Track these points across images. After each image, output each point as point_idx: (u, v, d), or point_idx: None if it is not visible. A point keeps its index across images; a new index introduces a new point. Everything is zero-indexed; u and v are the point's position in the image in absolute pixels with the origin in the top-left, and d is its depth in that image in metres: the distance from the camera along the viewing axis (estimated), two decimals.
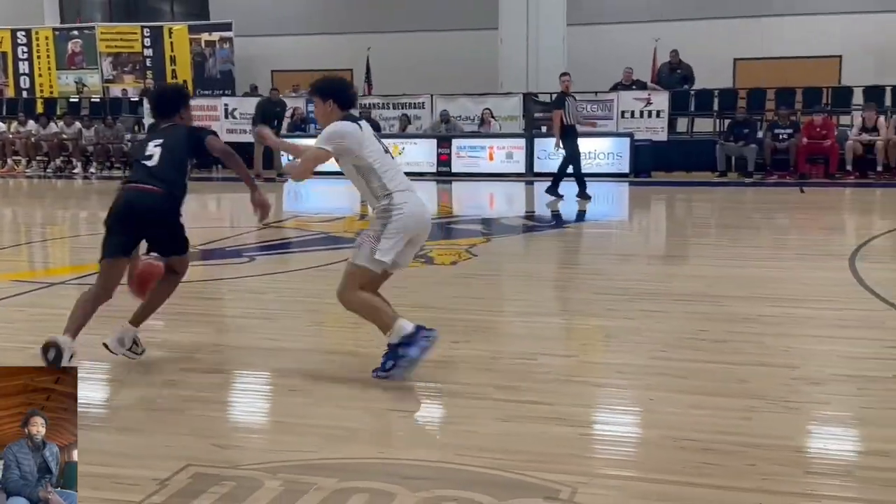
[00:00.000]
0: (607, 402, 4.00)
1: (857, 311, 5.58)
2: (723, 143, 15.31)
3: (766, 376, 4.27)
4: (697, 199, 13.26)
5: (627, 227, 10.86)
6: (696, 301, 6.01)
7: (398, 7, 20.46)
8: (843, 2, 18.40)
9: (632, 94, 16.59)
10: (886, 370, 4.37)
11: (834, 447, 3.44)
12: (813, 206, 11.67)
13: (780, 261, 7.75)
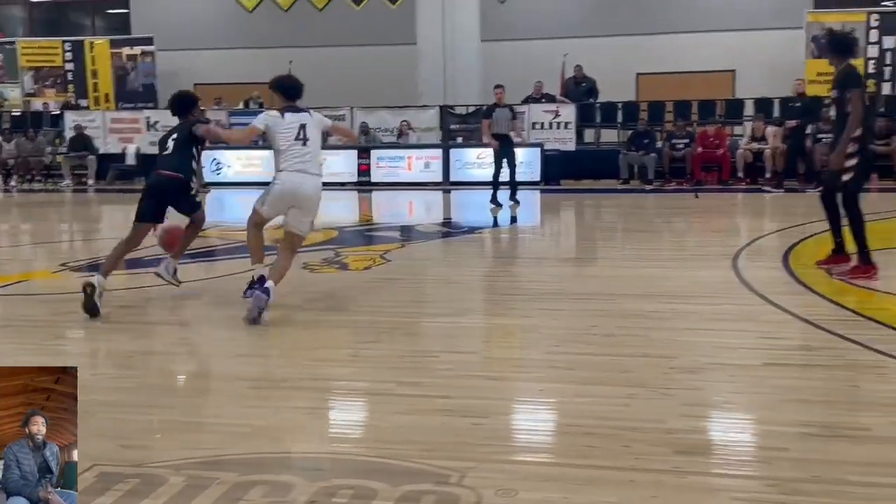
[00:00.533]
0: (501, 394, 4.14)
1: (734, 306, 5.87)
2: (625, 153, 15.75)
3: (647, 366, 4.48)
4: (602, 206, 13.63)
5: (536, 233, 11.11)
6: (591, 299, 6.22)
7: (319, 22, 20.45)
8: (737, 20, 19.12)
9: (542, 106, 16.93)
10: (756, 359, 4.63)
11: (702, 428, 3.64)
12: (706, 210, 12.12)
13: (671, 261, 8.06)
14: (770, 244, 8.91)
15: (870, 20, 17.43)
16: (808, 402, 3.94)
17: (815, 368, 4.46)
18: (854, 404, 3.86)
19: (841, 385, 4.15)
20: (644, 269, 7.56)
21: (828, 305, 5.80)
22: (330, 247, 8.93)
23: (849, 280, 6.46)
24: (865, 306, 5.72)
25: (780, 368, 4.48)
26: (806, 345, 4.94)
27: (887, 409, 3.77)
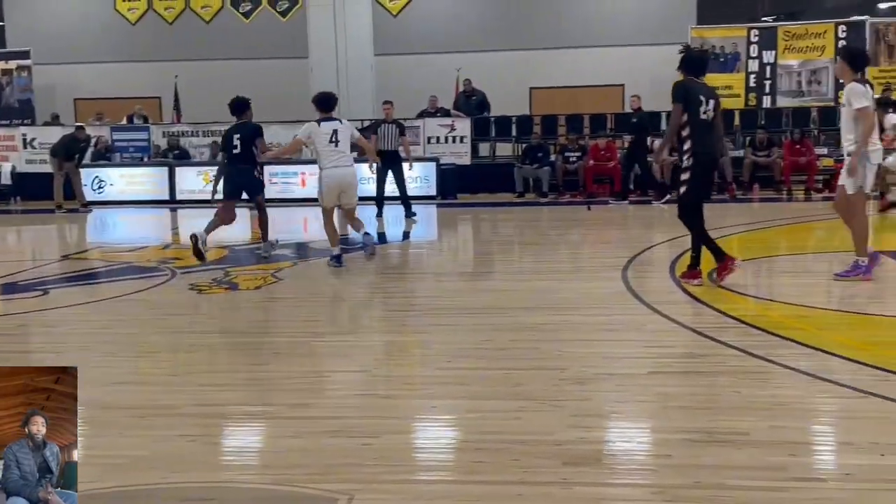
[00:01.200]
0: (391, 413, 4.13)
1: (623, 316, 6.04)
2: (520, 167, 16.03)
3: (538, 379, 4.55)
4: (498, 219, 13.81)
5: (432, 247, 11.16)
6: (485, 313, 6.29)
7: (207, 35, 20.07)
8: (625, 35, 19.77)
9: (437, 120, 17.05)
10: (642, 368, 4.77)
11: (589, 439, 3.72)
12: (597, 222, 12.44)
13: (563, 273, 8.24)
14: (658, 255, 9.20)
15: (750, 35, 18.28)
16: (691, 408, 4.08)
17: (698, 375, 4.63)
18: (735, 410, 4.02)
19: (723, 391, 4.32)
20: (537, 281, 7.70)
21: (712, 313, 6.03)
22: (219, 266, 8.75)
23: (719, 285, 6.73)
24: (747, 314, 5.97)
25: (665, 376, 4.63)
26: (690, 352, 5.12)
27: (766, 413, 3.95)
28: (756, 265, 8.24)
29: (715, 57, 18.39)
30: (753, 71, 18.26)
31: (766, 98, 18.20)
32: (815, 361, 4.78)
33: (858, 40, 17.65)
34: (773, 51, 18.06)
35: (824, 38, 17.89)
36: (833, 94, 17.78)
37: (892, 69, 17.79)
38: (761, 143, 15.46)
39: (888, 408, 3.99)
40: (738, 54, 18.32)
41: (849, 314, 6.13)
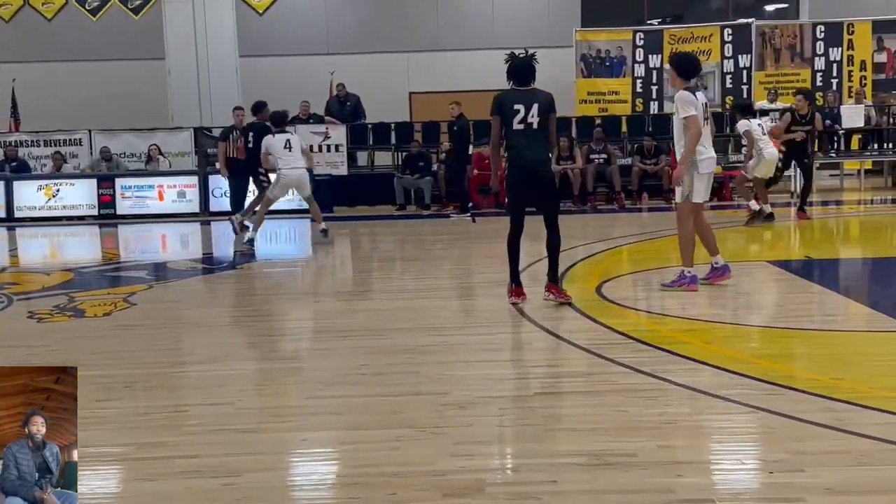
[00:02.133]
0: (257, 448, 4.05)
1: (508, 335, 6.13)
2: (400, 177, 16.09)
3: (417, 405, 4.55)
4: (378, 233, 13.81)
5: (306, 265, 11.05)
6: (361, 336, 6.25)
7: (49, 34, 19.34)
8: (508, 37, 20.10)
9: (310, 127, 16.92)
10: (528, 389, 4.85)
11: (471, 467, 3.74)
12: (483, 235, 12.59)
13: (446, 290, 8.30)
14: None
15: (636, 39, 18.98)
16: (577, 430, 4.17)
17: (585, 395, 4.74)
18: (622, 430, 4.12)
19: (610, 411, 4.42)
20: (418, 300, 7.73)
21: (600, 329, 6.18)
22: (63, 291, 8.40)
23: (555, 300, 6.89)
24: (636, 328, 6.16)
25: (551, 397, 4.72)
26: (577, 371, 5.23)
27: (653, 432, 4.07)
28: (646, 277, 8.51)
29: (601, 61, 19.03)
30: (640, 76, 18.95)
31: (654, 104, 18.90)
32: (703, 377, 4.97)
33: (744, 43, 18.61)
34: (658, 55, 18.79)
35: (710, 42, 18.75)
36: (720, 99, 18.64)
37: (778, 73, 18.79)
38: (649, 150, 16.02)
39: (776, 423, 4.18)
40: (624, 58, 18.98)
41: (737, 326, 6.40)
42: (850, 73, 18.56)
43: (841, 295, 7.49)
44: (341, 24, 20.52)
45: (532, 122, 6.65)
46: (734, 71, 18.70)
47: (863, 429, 3.98)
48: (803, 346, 5.88)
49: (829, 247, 10.72)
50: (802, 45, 18.72)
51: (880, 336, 6.02)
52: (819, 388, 4.64)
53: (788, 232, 12.02)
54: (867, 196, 15.88)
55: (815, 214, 13.85)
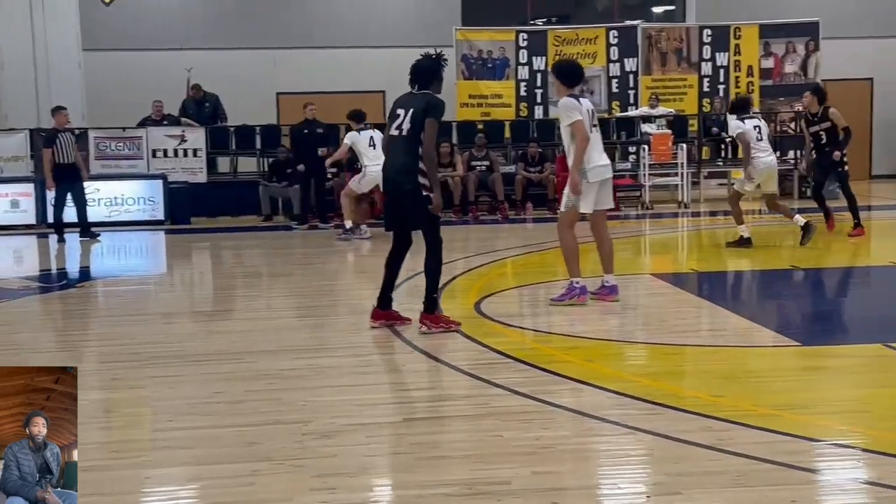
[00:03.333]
0: (94, 489, 3.90)
1: (379, 356, 6.15)
2: (266, 185, 15.92)
3: (277, 435, 4.51)
4: (242, 247, 13.60)
5: (160, 283, 10.79)
6: (218, 360, 6.15)
7: None
8: (384, 36, 20.19)
9: (163, 130, 16.57)
10: (398, 415, 4.86)
11: (334, 501, 3.73)
12: (359, 249, 12.57)
13: (315, 309, 8.25)
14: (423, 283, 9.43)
15: (519, 39, 19.33)
16: (450, 458, 4.21)
17: (458, 419, 4.79)
18: (496, 456, 4.18)
19: (484, 436, 4.48)
20: (284, 319, 7.66)
21: (477, 349, 6.26)
22: None
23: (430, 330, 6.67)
24: (515, 347, 6.26)
25: (423, 423, 4.75)
26: (451, 394, 5.28)
27: (528, 458, 4.14)
28: (530, 292, 8.67)
29: (483, 62, 19.30)
30: (524, 78, 19.31)
31: (539, 108, 19.29)
32: (583, 397, 5.10)
33: (630, 46, 19.21)
34: (543, 56, 19.19)
35: (596, 44, 19.27)
36: (606, 104, 19.17)
37: (665, 78, 19.46)
38: (533, 157, 16.33)
39: (656, 444, 4.32)
40: (507, 60, 19.31)
41: (620, 343, 6.58)
42: (737, 79, 19.39)
43: (725, 309, 7.79)
44: (199, 16, 20.15)
45: (403, 129, 6.66)
46: (620, 75, 19.27)
47: (742, 448, 4.16)
48: (686, 362, 6.10)
49: (716, 259, 11.14)
50: (689, 50, 19.45)
51: (763, 351, 6.31)
52: (700, 406, 4.82)
53: (675, 243, 12.46)
54: (755, 206, 16.60)
55: (703, 225, 14.41)
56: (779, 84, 19.48)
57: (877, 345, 6.09)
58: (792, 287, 9.29)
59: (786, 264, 10.42)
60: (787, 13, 19.89)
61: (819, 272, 10.03)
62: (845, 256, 10.99)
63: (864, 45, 20.60)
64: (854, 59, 20.56)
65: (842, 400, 5.04)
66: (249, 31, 19.96)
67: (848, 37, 20.07)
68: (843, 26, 19.91)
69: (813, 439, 4.32)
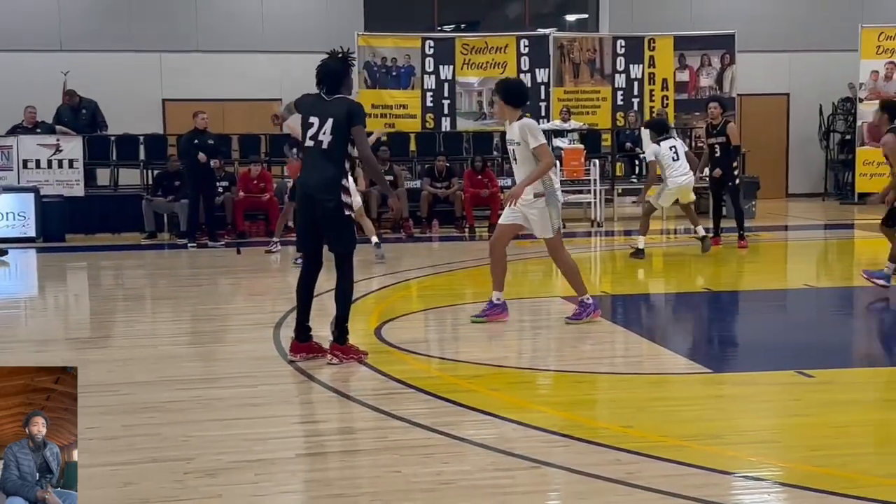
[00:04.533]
0: None
1: (270, 387, 6.09)
2: (150, 199, 15.66)
3: (155, 474, 4.44)
4: (123, 267, 13.35)
5: (30, 306, 10.52)
6: (93, 392, 6.00)
7: None
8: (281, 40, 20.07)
9: (36, 139, 16.19)
10: (290, 450, 4.83)
11: None
12: (250, 268, 12.46)
13: (201, 335, 8.15)
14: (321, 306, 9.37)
15: (425, 46, 19.44)
16: (346, 496, 4.20)
17: (355, 455, 4.79)
18: (393, 493, 4.19)
19: (382, 472, 4.49)
20: (168, 346, 7.54)
21: (376, 378, 6.27)
22: None
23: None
24: (417, 376, 6.28)
25: (317, 458, 4.74)
26: (348, 427, 5.28)
27: (428, 495, 4.17)
28: (436, 315, 8.72)
29: (387, 70, 19.37)
30: (430, 88, 19.41)
31: (446, 120, 19.41)
32: (487, 429, 5.14)
33: (542, 56, 19.49)
34: (451, 65, 19.34)
35: (506, 53, 19.50)
36: None
37: (578, 90, 19.80)
38: (440, 172, 16.42)
39: (562, 479, 4.40)
40: (412, 68, 19.40)
41: (526, 371, 6.66)
42: (651, 92, 19.84)
43: (637, 334, 7.95)
44: (78, 16, 19.72)
45: (322, 141, 6.46)
46: (532, 86, 19.47)
47: (651, 482, 4.25)
48: (595, 391, 6.21)
49: (629, 281, 11.37)
50: (602, 61, 19.83)
51: (674, 378, 6.46)
52: (609, 437, 4.91)
53: (588, 264, 12.66)
54: (670, 225, 17.00)
55: (617, 245, 14.68)
56: (694, 98, 19.98)
57: (790, 371, 6.29)
58: (705, 311, 9.53)
59: (699, 287, 10.70)
60: (702, 25, 20.46)
61: (733, 295, 10.32)
62: (760, 278, 11.33)
63: (780, 59, 21.30)
64: (770, 74, 21.25)
65: (752, 430, 5.19)
66: (133, 33, 19.62)
67: (764, 50, 20.72)
68: (760, 39, 20.55)
69: (723, 472, 4.43)
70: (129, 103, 18.59)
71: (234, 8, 20.35)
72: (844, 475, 4.36)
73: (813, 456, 4.68)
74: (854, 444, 4.95)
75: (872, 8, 21.03)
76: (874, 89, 19.62)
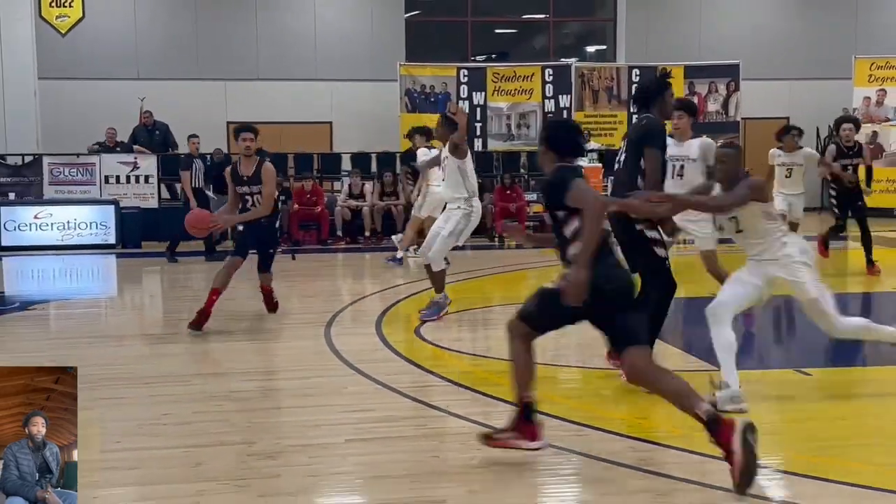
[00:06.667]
0: None
1: (322, 379, 6.13)
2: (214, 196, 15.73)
3: (222, 456, 4.49)
4: (193, 271, 13.43)
5: (109, 306, 10.63)
6: (167, 382, 6.09)
7: None
8: (332, 69, 20.18)
9: (116, 157, 16.37)
10: (340, 436, 4.87)
11: None
12: (302, 273, 12.52)
13: (260, 332, 8.19)
14: (366, 308, 9.45)
15: (460, 75, 19.49)
16: (389, 477, 4.22)
17: (398, 440, 4.81)
18: (434, 476, 4.21)
19: (423, 456, 4.51)
20: (231, 342, 7.60)
21: (417, 372, 6.29)
22: None
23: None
24: (453, 371, 6.30)
25: (364, 444, 4.76)
26: (391, 415, 5.30)
27: (464, 477, 4.18)
28: (470, 316, 8.72)
29: (426, 97, 19.42)
30: (465, 112, 19.43)
31: (478, 141, 19.42)
32: None
33: (564, 84, 19.47)
34: (482, 92, 19.37)
35: (532, 81, 19.50)
36: None
37: (597, 114, 19.75)
38: None
39: (584, 464, 4.40)
40: (448, 94, 19.43)
41: (551, 367, 6.64)
42: None
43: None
44: (151, 47, 19.95)
45: (620, 160, 6.02)
46: (555, 110, 19.48)
47: (664, 468, 4.24)
48: (613, 385, 6.18)
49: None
50: (619, 88, 19.77)
51: (684, 375, 6.40)
52: (626, 427, 4.91)
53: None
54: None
55: None
56: (702, 122, 19.87)
57: (788, 370, 6.25)
58: None
59: (706, 292, 10.60)
60: (710, 55, 20.36)
61: None
62: None
63: (780, 87, 21.13)
64: (771, 99, 21.08)
65: (756, 421, 5.14)
66: (201, 63, 19.83)
67: (766, 78, 20.59)
68: (762, 68, 20.44)
69: None
70: (197, 124, 18.74)
71: (290, 40, 20.46)
72: (838, 464, 4.32)
73: (809, 447, 4.65)
74: (845, 436, 4.90)
75: (865, 40, 20.80)
76: (867, 114, 19.40)
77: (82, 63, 19.14)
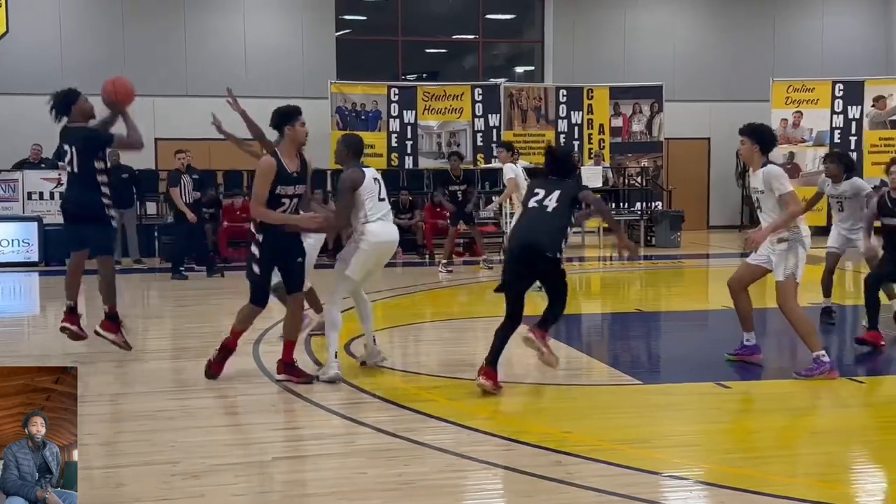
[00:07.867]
0: None
1: (249, 397, 6.04)
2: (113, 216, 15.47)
3: (145, 476, 4.39)
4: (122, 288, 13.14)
5: (31, 324, 10.35)
6: (91, 402, 5.92)
7: None
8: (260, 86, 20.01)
9: (40, 173, 15.98)
10: (266, 454, 4.80)
11: None
12: (231, 290, 12.32)
13: (186, 350, 8.05)
14: None
15: (390, 94, 19.51)
16: (316, 495, 4.18)
17: (326, 458, 4.76)
18: (360, 493, 4.18)
19: (350, 473, 4.47)
20: (155, 361, 7.46)
21: (346, 389, 6.23)
22: None
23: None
24: (382, 387, 6.27)
25: (291, 462, 4.70)
26: (319, 433, 5.24)
27: (390, 494, 4.16)
28: (400, 333, 8.70)
29: (357, 115, 19.40)
30: (395, 130, 19.47)
31: (409, 158, 19.47)
32: (444, 435, 5.13)
33: (494, 103, 19.65)
34: (413, 110, 19.43)
35: (462, 100, 19.63)
36: (472, 156, 19.48)
37: (525, 133, 19.94)
38: (404, 205, 16.43)
39: (509, 479, 4.40)
40: (379, 112, 19.45)
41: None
42: (589, 136, 20.05)
43: (576, 349, 7.99)
44: (78, 63, 19.52)
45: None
46: (484, 129, 19.64)
47: (588, 481, 4.27)
48: (540, 400, 6.23)
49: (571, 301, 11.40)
50: (547, 108, 20.01)
51: (608, 389, 6.49)
52: (552, 441, 4.93)
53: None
54: (607, 252, 17.13)
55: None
56: (627, 142, 20.25)
57: (709, 383, 6.35)
58: (636, 329, 9.59)
59: (631, 307, 10.77)
60: (634, 77, 20.74)
61: (661, 315, 10.41)
62: (684, 301, 11.44)
63: (701, 108, 21.61)
64: (694, 120, 21.54)
65: (677, 434, 5.23)
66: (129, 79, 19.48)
67: (688, 100, 21.06)
68: (684, 90, 20.91)
69: (651, 472, 4.47)
70: None
71: (219, 57, 20.25)
72: (756, 475, 4.41)
73: (729, 458, 4.73)
74: (763, 447, 5.01)
75: (782, 64, 21.40)
76: (783, 135, 19.93)
77: (6, 78, 18.68)
